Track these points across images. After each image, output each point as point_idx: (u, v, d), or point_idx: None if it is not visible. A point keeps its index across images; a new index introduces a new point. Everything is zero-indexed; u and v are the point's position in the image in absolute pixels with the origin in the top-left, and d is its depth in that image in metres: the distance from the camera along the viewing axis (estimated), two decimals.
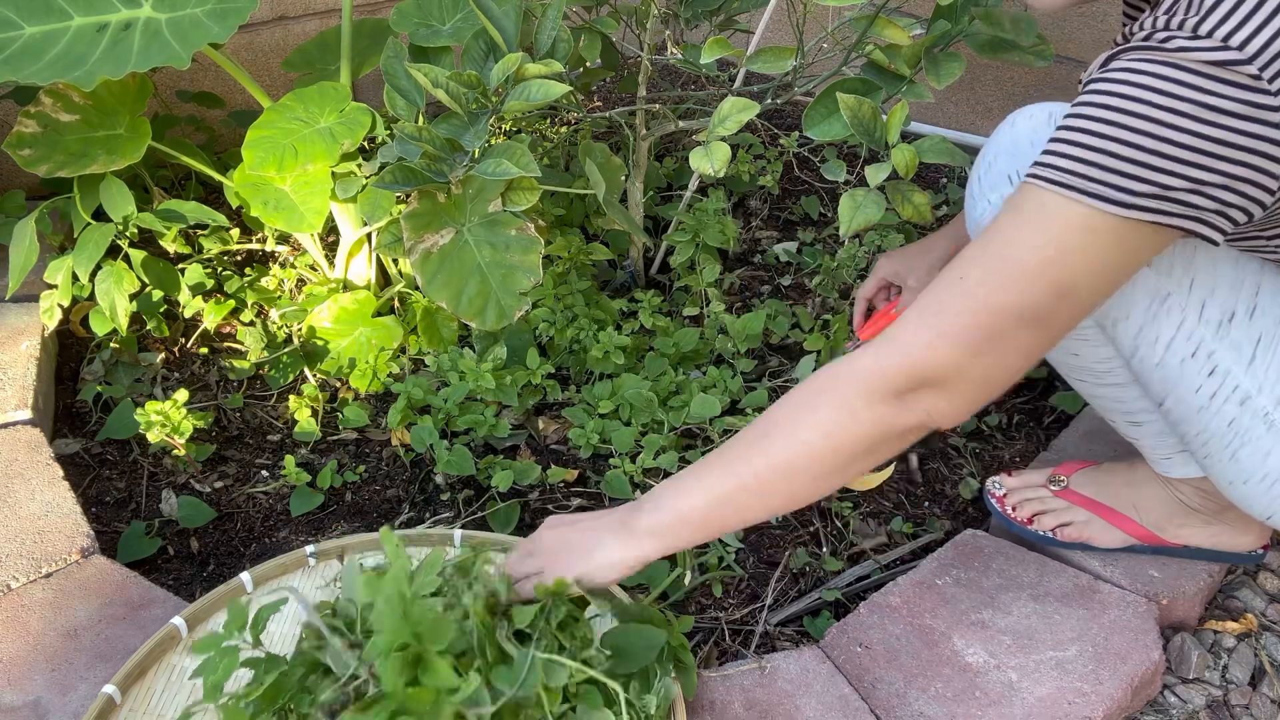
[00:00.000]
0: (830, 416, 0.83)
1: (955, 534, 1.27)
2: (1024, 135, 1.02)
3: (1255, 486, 0.99)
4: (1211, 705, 1.13)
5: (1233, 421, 0.96)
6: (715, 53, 1.26)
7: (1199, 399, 0.96)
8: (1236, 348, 0.93)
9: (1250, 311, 0.93)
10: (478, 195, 1.41)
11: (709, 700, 1.05)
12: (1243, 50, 0.70)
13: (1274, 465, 0.96)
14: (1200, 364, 0.94)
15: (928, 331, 0.81)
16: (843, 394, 0.83)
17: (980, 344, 0.79)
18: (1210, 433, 0.98)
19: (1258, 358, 0.93)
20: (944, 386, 0.81)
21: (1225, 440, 0.97)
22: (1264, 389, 0.93)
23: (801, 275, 1.81)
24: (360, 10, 2.11)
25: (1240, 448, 0.97)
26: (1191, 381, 0.95)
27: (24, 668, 1.08)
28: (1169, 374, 0.96)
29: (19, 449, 1.34)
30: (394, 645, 0.82)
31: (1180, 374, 0.95)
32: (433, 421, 1.41)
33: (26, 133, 1.46)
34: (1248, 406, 0.95)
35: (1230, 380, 0.94)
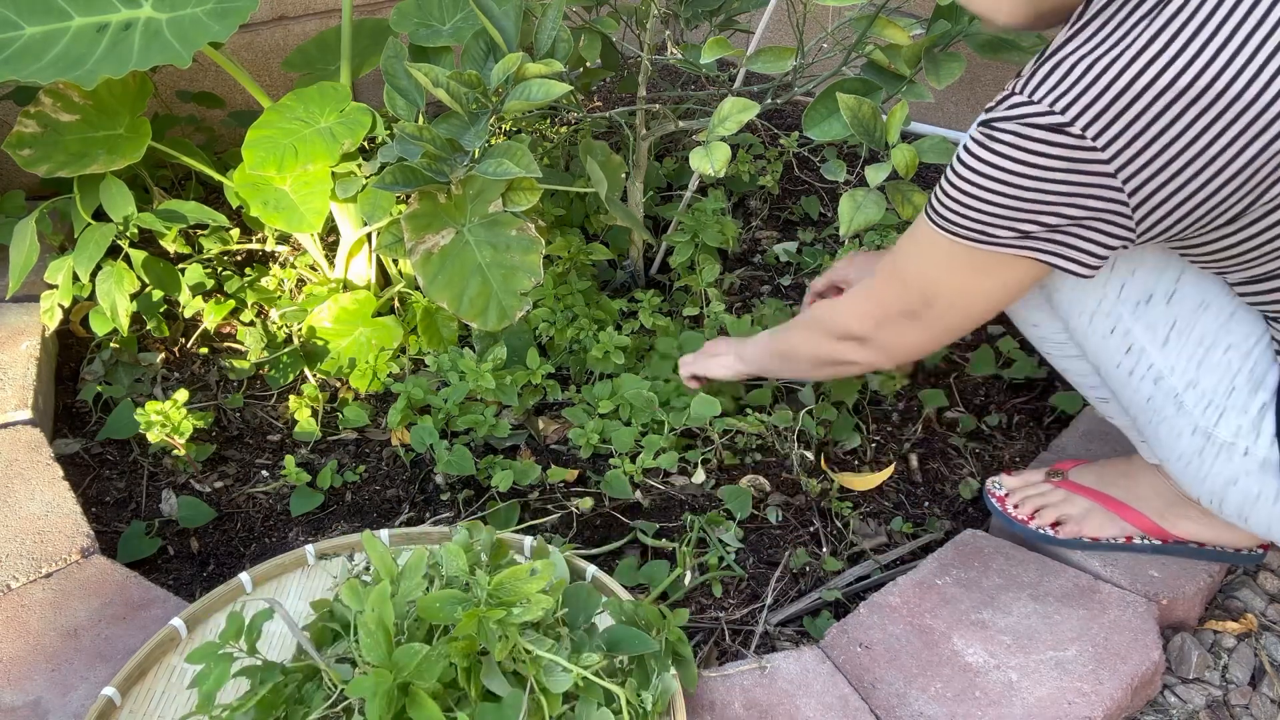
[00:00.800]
0: (808, 337, 1.19)
1: (955, 534, 1.27)
2: None
3: (1174, 466, 1.03)
4: (1211, 705, 1.13)
5: (1150, 399, 1.01)
6: (715, 53, 1.26)
7: (1120, 374, 1.03)
8: (1151, 328, 0.99)
9: (1168, 296, 0.99)
10: (478, 195, 1.41)
11: (709, 700, 1.05)
12: (1064, 114, 0.82)
13: (1185, 447, 1.00)
14: (1119, 340, 1.01)
15: (855, 305, 1.10)
16: (812, 328, 1.18)
17: (878, 323, 1.07)
18: (1137, 409, 1.04)
19: (1171, 340, 0.99)
20: (863, 344, 1.10)
21: (1148, 417, 1.03)
22: (1175, 370, 0.99)
23: (801, 275, 1.81)
24: (360, 10, 2.11)
25: (1159, 425, 1.02)
26: (1112, 357, 1.03)
27: (24, 668, 1.08)
28: (1094, 347, 1.04)
29: (19, 449, 1.34)
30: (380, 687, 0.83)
31: (1102, 349, 1.03)
32: (433, 421, 1.41)
33: (26, 133, 1.46)
34: (1160, 386, 1.00)
35: (1145, 358, 1.00)
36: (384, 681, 0.84)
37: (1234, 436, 0.96)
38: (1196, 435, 0.98)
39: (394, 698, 0.85)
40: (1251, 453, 0.95)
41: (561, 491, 1.40)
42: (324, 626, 1.00)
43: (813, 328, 1.18)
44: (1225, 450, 0.97)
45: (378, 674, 0.84)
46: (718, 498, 1.37)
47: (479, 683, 0.89)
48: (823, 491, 1.39)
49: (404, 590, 0.93)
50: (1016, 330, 1.65)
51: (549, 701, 0.91)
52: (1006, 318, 1.67)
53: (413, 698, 0.85)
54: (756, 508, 1.36)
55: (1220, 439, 0.97)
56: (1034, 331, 1.16)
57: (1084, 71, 0.82)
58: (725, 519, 1.33)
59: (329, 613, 1.02)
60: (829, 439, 1.47)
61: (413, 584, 0.93)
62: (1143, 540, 1.20)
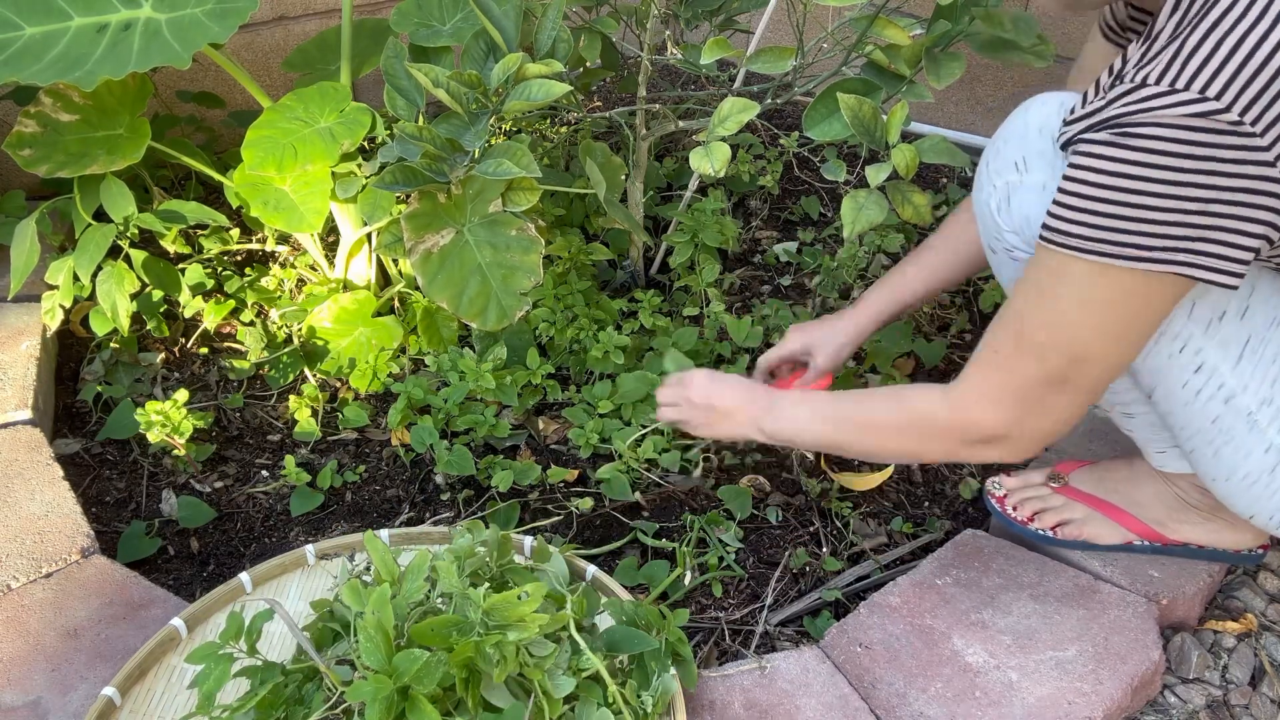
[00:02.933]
0: (912, 445, 1.02)
1: (955, 534, 1.27)
2: (1034, 122, 1.02)
3: (1236, 484, 1.00)
4: (1211, 705, 1.13)
5: (1216, 419, 0.97)
6: (715, 53, 1.26)
7: (1185, 394, 0.97)
8: (1224, 346, 0.94)
9: (1241, 312, 0.94)
10: (478, 195, 1.41)
11: (709, 700, 1.05)
12: (1220, 99, 0.74)
13: (1254, 465, 0.97)
14: (1188, 359, 0.96)
15: (980, 397, 0.94)
16: (924, 432, 0.99)
17: (1020, 409, 0.92)
18: (1195, 428, 0.99)
19: (1245, 358, 0.94)
20: (1000, 443, 0.95)
21: (1209, 437, 0.98)
22: (1249, 388, 0.95)
23: (801, 275, 1.81)
24: (360, 10, 2.11)
25: (1223, 445, 0.98)
26: (1179, 376, 0.97)
27: (24, 668, 1.08)
28: (1158, 366, 0.98)
29: (19, 449, 1.34)
30: (379, 692, 0.83)
31: (1168, 368, 0.97)
32: (433, 421, 1.41)
33: (27, 133, 1.46)
34: (1232, 405, 0.96)
35: (1216, 378, 0.95)
36: (383, 687, 0.83)
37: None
38: (1270, 453, 0.96)
39: (393, 702, 0.85)
40: None
41: (561, 491, 1.40)
42: (324, 627, 1.00)
43: (918, 426, 1.00)
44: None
45: (377, 679, 0.84)
46: (718, 498, 1.37)
47: (477, 692, 0.89)
48: (823, 491, 1.39)
49: (405, 592, 0.93)
50: None
51: (550, 705, 0.91)
52: None
53: (412, 702, 0.85)
54: (756, 508, 1.36)
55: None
56: None
57: (1231, 52, 0.74)
58: (725, 519, 1.33)
59: (329, 613, 1.01)
60: None
61: (414, 586, 0.93)
62: (1142, 544, 1.20)
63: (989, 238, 1.06)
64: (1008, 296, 1.04)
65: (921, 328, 1.68)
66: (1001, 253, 1.04)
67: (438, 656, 0.86)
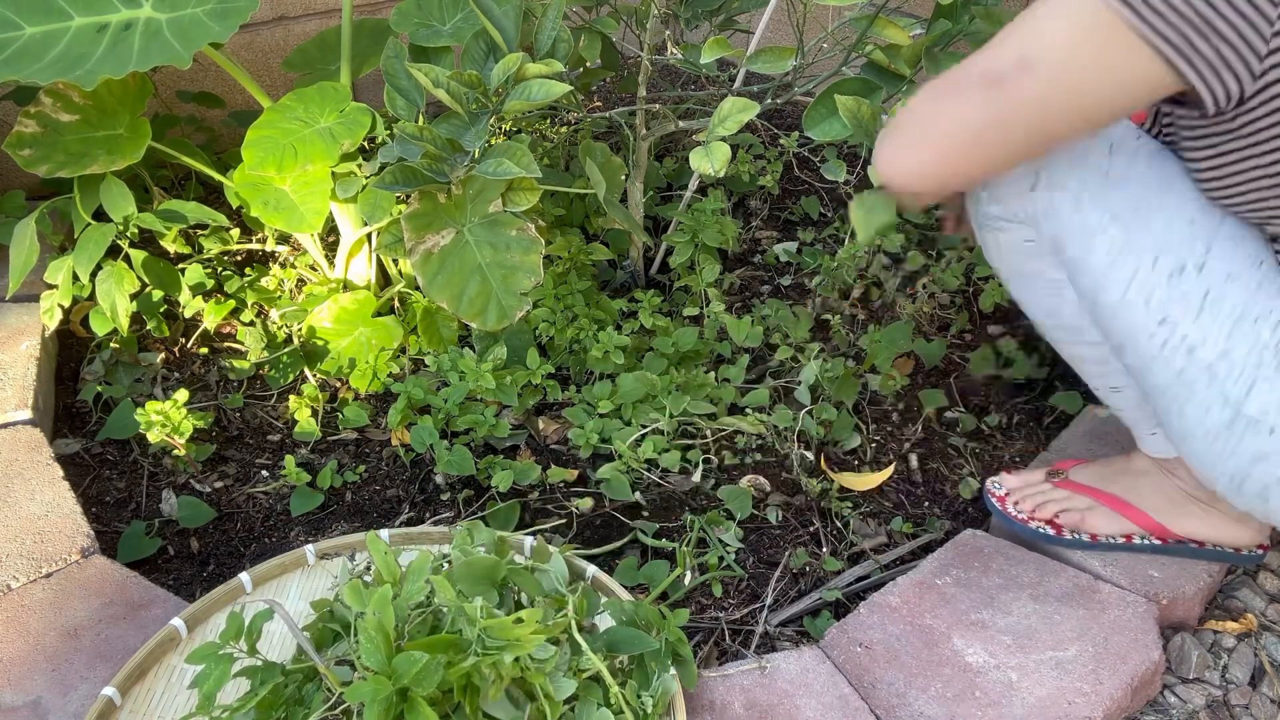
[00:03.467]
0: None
1: (955, 534, 1.27)
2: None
3: (1199, 443, 1.01)
4: (1211, 705, 1.13)
5: (1181, 372, 0.99)
6: (715, 53, 1.26)
7: (1152, 346, 1.00)
8: (1185, 299, 0.97)
9: (1199, 267, 0.97)
10: (478, 195, 1.41)
11: (709, 700, 1.05)
12: None
13: (1213, 421, 0.98)
14: (1153, 312, 0.99)
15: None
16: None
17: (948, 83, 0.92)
18: (1164, 385, 1.01)
19: (1205, 310, 0.97)
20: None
21: (1175, 393, 1.00)
22: (1208, 340, 0.97)
23: (801, 275, 1.81)
24: (360, 10, 2.11)
25: (1186, 402, 1.00)
26: (1145, 328, 1.00)
27: (24, 668, 1.08)
28: (1125, 321, 1.01)
29: (19, 449, 1.34)
30: (378, 694, 0.83)
31: (1134, 321, 1.00)
32: (433, 421, 1.41)
33: (27, 133, 1.46)
34: (1194, 357, 0.98)
35: (1179, 330, 0.98)
36: (383, 688, 0.83)
37: (1262, 413, 0.95)
38: (1226, 408, 0.97)
39: (393, 704, 0.85)
40: (1276, 432, 0.95)
41: (561, 491, 1.40)
42: (324, 627, 1.00)
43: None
44: (1253, 426, 0.96)
45: (376, 680, 0.84)
46: (718, 498, 1.37)
47: (475, 700, 0.89)
48: (823, 491, 1.39)
49: (406, 594, 0.93)
50: (1016, 330, 1.65)
51: (551, 708, 0.91)
52: (1016, 313, 1.67)
53: (411, 704, 0.85)
54: (756, 508, 1.36)
55: (1249, 414, 0.96)
56: (1050, 321, 1.14)
57: None
58: (725, 519, 1.33)
59: (329, 613, 1.01)
60: (829, 439, 1.47)
61: (415, 587, 0.93)
62: (1143, 539, 1.20)
63: (975, 215, 1.10)
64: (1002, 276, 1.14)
65: (921, 328, 1.68)
66: (987, 226, 1.09)
67: (437, 659, 0.86)
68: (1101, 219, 0.99)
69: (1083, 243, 1.01)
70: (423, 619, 0.94)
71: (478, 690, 0.88)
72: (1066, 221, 1.01)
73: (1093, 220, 1.00)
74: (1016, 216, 1.06)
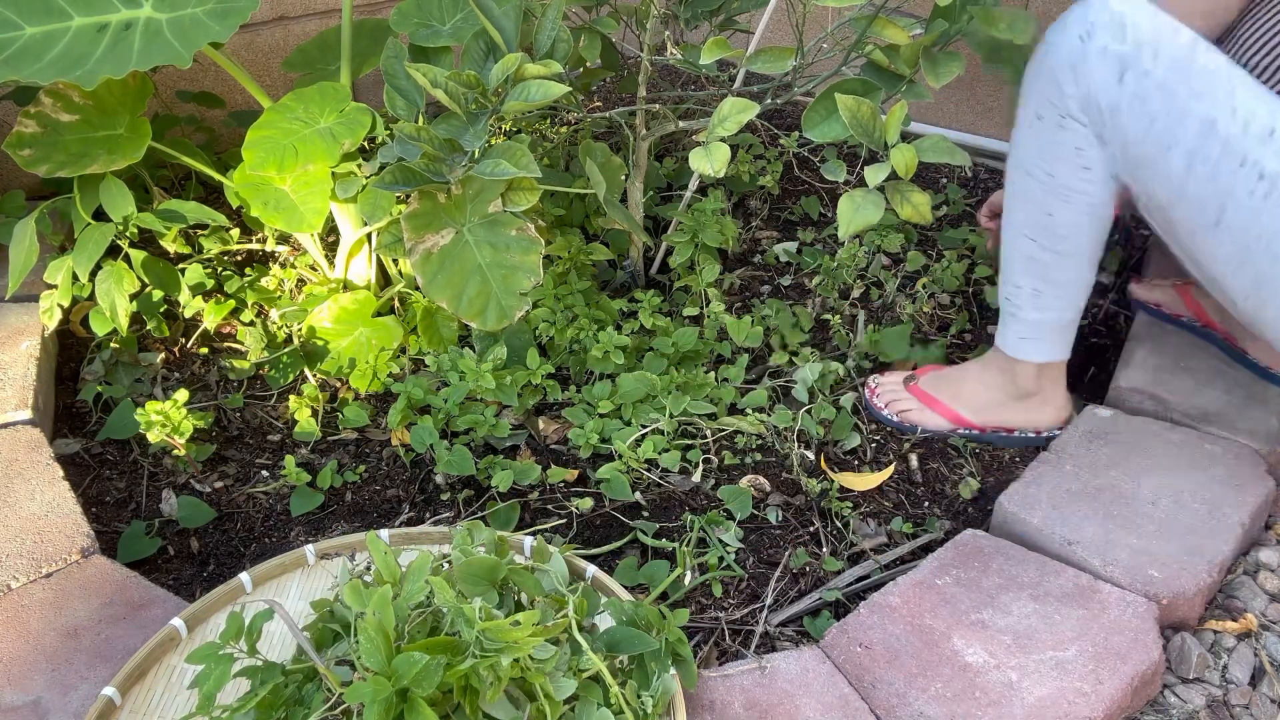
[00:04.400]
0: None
1: (955, 534, 1.27)
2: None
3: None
4: (1211, 705, 1.13)
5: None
6: (715, 53, 1.26)
7: (1254, 201, 1.11)
8: (1278, 155, 1.09)
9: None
10: (478, 195, 1.42)
11: (709, 700, 1.05)
12: None
13: None
14: (1249, 170, 1.10)
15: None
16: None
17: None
18: (1271, 231, 1.12)
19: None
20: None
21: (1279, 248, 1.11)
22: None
23: (801, 275, 1.81)
24: (360, 10, 2.11)
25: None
26: (1245, 186, 1.11)
27: (24, 668, 1.08)
28: (1221, 186, 1.12)
29: (19, 449, 1.34)
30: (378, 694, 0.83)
31: (1232, 183, 1.11)
32: (433, 421, 1.41)
33: (27, 133, 1.46)
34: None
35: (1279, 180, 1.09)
36: (383, 689, 0.83)
37: None
38: None
39: (392, 704, 0.85)
40: None
41: (561, 491, 1.40)
42: (324, 627, 1.00)
43: None
44: None
45: (376, 681, 0.84)
46: (718, 498, 1.37)
47: (475, 702, 0.89)
48: (823, 491, 1.39)
49: (406, 594, 0.93)
50: None
51: (551, 708, 0.91)
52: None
53: (411, 704, 0.85)
54: (756, 508, 1.36)
55: None
56: (1043, 220, 1.26)
57: None
58: (725, 519, 1.33)
59: (329, 613, 1.02)
60: (829, 439, 1.47)
61: (415, 588, 0.93)
62: (965, 431, 1.47)
63: (1040, 104, 1.21)
64: (1020, 168, 1.27)
65: (921, 328, 1.68)
66: (1051, 118, 1.20)
67: (437, 660, 0.86)
68: (1187, 99, 1.11)
69: (1173, 124, 1.12)
70: (423, 619, 0.94)
71: (477, 691, 0.88)
72: (1155, 108, 1.12)
73: (1182, 100, 1.11)
74: (1098, 110, 1.16)
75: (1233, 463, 1.31)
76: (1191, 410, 1.40)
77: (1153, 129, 1.14)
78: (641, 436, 1.41)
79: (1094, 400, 1.46)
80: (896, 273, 1.78)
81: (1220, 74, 1.11)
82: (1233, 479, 1.29)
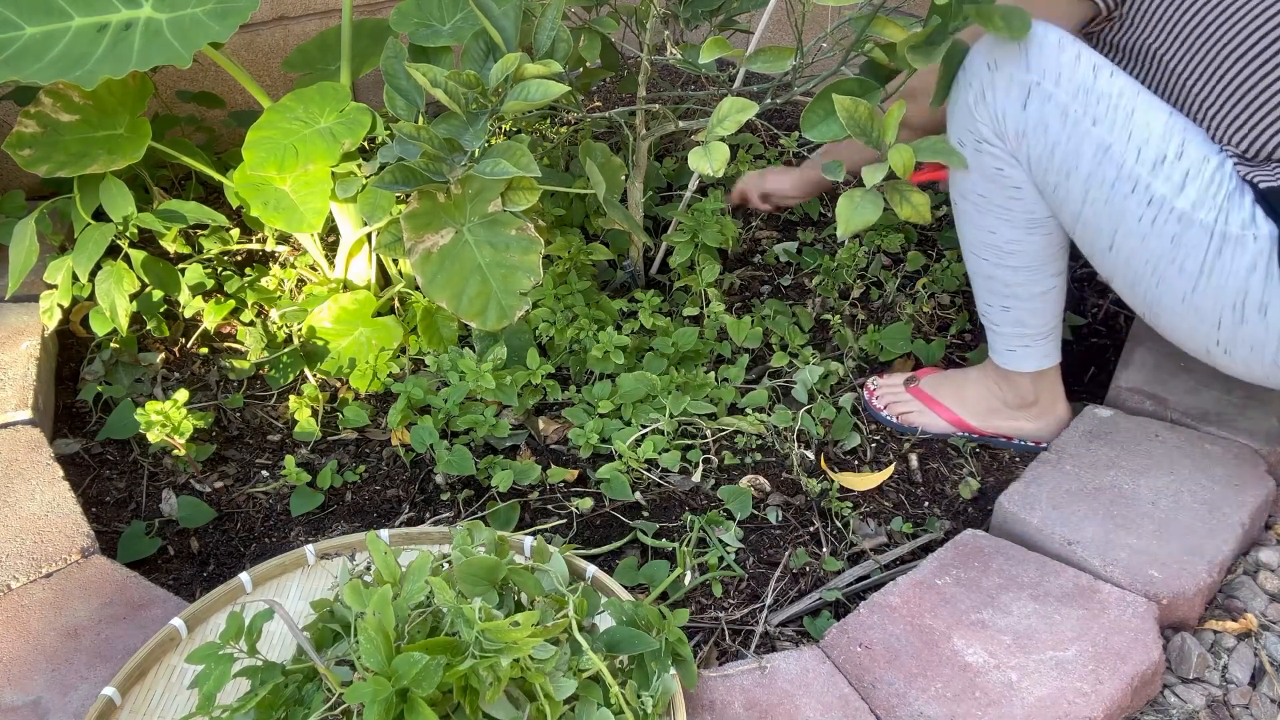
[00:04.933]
0: None
1: (955, 534, 1.27)
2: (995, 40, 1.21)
3: (1203, 286, 1.15)
4: (1211, 705, 1.13)
5: (1174, 238, 1.15)
6: (713, 52, 1.26)
7: (1141, 227, 1.16)
8: (1169, 180, 1.14)
9: (1179, 153, 1.14)
10: (477, 195, 1.41)
11: (709, 700, 1.05)
12: None
13: (1209, 254, 1.14)
14: (1139, 196, 1.15)
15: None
16: None
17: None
18: (1157, 255, 1.17)
19: (1187, 185, 1.14)
20: None
21: (1171, 256, 1.16)
22: (1197, 205, 1.13)
23: (801, 275, 1.81)
24: (360, 10, 2.12)
25: (1185, 258, 1.15)
26: (1134, 212, 1.16)
27: (24, 667, 1.08)
28: (1114, 210, 1.17)
29: (19, 449, 1.34)
30: (378, 694, 0.83)
31: (1124, 208, 1.16)
32: (433, 421, 1.41)
33: (26, 133, 1.46)
34: (1185, 220, 1.14)
35: (1166, 205, 1.14)
36: (383, 689, 0.83)
37: (1241, 228, 1.11)
38: (1214, 238, 1.12)
39: (392, 704, 0.85)
40: (1259, 237, 1.11)
41: (561, 491, 1.40)
42: (324, 627, 1.00)
43: None
44: (1238, 243, 1.12)
45: (376, 681, 0.84)
46: (718, 498, 1.37)
47: (475, 701, 0.89)
48: (823, 491, 1.39)
49: (406, 594, 0.93)
50: None
51: (551, 708, 0.91)
52: None
53: (411, 704, 0.85)
54: (756, 508, 1.36)
55: (1232, 233, 1.12)
56: (987, 239, 1.29)
57: None
58: (725, 519, 1.33)
59: (329, 613, 1.01)
60: (829, 439, 1.47)
61: (415, 588, 0.93)
62: (962, 434, 1.47)
63: (960, 132, 1.24)
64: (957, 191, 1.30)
65: (921, 328, 1.68)
66: (970, 144, 1.24)
67: (437, 660, 0.86)
68: (1087, 125, 1.15)
69: (1071, 150, 1.16)
70: (423, 620, 0.94)
71: (476, 691, 0.88)
72: (1055, 134, 1.16)
73: (1082, 127, 1.15)
74: (1006, 135, 1.20)
75: (1233, 463, 1.31)
76: (1191, 410, 1.40)
77: (1055, 154, 1.18)
78: (641, 436, 1.41)
79: (1094, 400, 1.46)
80: (896, 273, 1.78)
81: (1121, 98, 1.14)
82: (1233, 479, 1.29)
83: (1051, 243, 1.28)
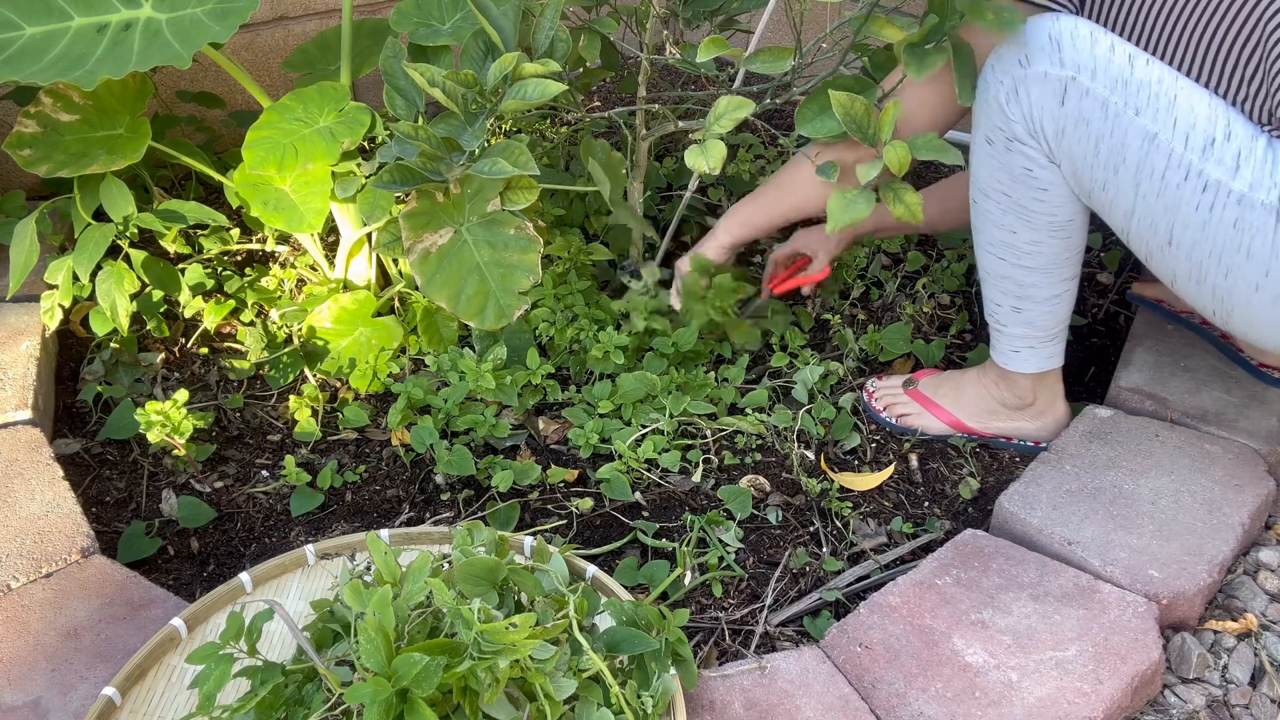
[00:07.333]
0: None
1: (955, 534, 1.27)
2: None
3: (1276, 279, 1.10)
4: (1211, 705, 1.13)
5: (1237, 221, 1.10)
6: (711, 51, 1.26)
7: (1200, 215, 1.11)
8: (1221, 162, 1.09)
9: (1227, 135, 1.10)
10: (476, 195, 1.41)
11: (709, 700, 1.05)
12: None
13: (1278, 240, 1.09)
14: (1193, 184, 1.10)
15: None
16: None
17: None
18: (1220, 243, 1.11)
19: (1241, 166, 1.09)
20: None
21: (1236, 242, 1.11)
22: (1255, 185, 1.08)
23: None
24: (360, 10, 2.11)
25: (1251, 241, 1.10)
26: (1190, 201, 1.11)
27: (24, 668, 1.08)
28: (1169, 202, 1.13)
29: (19, 449, 1.34)
30: (378, 695, 0.83)
31: (1178, 199, 1.12)
32: (433, 421, 1.41)
33: (27, 133, 1.46)
34: (1245, 202, 1.09)
35: (1223, 189, 1.09)
36: (382, 689, 0.83)
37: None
38: (1278, 217, 1.07)
39: (392, 705, 0.85)
40: None
41: (561, 491, 1.40)
42: (324, 627, 1.00)
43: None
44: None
45: (376, 681, 0.84)
46: (718, 498, 1.37)
47: (474, 703, 0.89)
48: (823, 491, 1.39)
49: (406, 594, 0.93)
50: None
51: (551, 708, 0.91)
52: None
53: (411, 704, 0.85)
54: (756, 508, 1.36)
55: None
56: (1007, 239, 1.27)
57: None
58: (725, 519, 1.33)
59: (329, 613, 1.02)
60: (829, 439, 1.47)
61: (415, 588, 0.93)
62: (961, 435, 1.47)
63: (989, 129, 1.21)
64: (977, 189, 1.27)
65: (921, 328, 1.68)
66: (1000, 142, 1.20)
67: (436, 661, 0.86)
68: (1130, 116, 1.11)
69: (1116, 143, 1.12)
70: (423, 620, 0.94)
71: (476, 692, 0.88)
72: (1098, 128, 1.12)
73: (1125, 118, 1.11)
74: (1043, 134, 1.16)
75: (1232, 463, 1.31)
76: (1191, 410, 1.39)
77: (1099, 149, 1.14)
78: (641, 436, 1.41)
79: (1094, 400, 1.46)
80: (896, 273, 1.78)
81: (1160, 84, 1.11)
82: (1233, 479, 1.29)
83: (1069, 246, 1.26)
